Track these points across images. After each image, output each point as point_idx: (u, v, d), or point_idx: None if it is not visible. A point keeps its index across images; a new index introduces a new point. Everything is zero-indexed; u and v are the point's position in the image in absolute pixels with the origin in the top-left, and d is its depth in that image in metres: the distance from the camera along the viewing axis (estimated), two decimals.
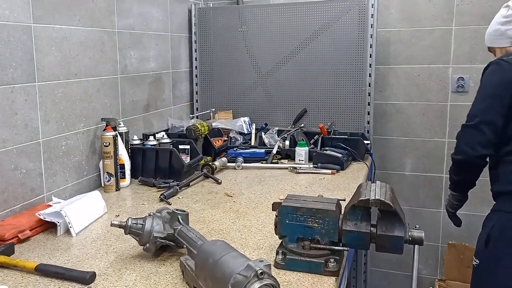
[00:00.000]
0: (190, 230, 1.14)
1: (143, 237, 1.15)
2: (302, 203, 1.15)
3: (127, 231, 1.16)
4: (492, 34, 1.68)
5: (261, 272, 0.82)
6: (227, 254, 0.93)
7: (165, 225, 1.17)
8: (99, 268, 1.14)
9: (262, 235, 1.34)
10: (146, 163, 1.93)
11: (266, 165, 2.10)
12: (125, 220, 1.17)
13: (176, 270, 1.12)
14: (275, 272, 1.11)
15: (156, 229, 1.15)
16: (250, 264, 0.84)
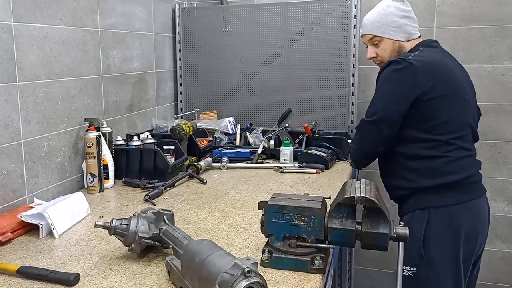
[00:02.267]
0: (176, 230, 1.13)
1: (128, 238, 1.14)
2: (288, 202, 1.16)
3: (111, 232, 1.15)
4: (387, 24, 1.60)
5: (248, 270, 0.81)
6: (213, 253, 0.92)
7: (151, 225, 1.16)
8: (83, 269, 1.13)
9: (248, 234, 1.34)
10: (130, 164, 1.91)
11: (251, 164, 2.10)
12: (110, 221, 1.15)
13: (162, 271, 1.11)
14: (262, 271, 1.11)
15: (141, 229, 1.14)
16: (237, 262, 0.84)
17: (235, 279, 0.81)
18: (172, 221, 1.19)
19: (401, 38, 1.62)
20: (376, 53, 1.67)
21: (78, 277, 1.07)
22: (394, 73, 1.51)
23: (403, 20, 1.61)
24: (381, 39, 1.63)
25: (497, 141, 2.41)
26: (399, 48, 1.62)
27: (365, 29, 1.66)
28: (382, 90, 1.56)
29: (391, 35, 1.62)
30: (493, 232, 2.51)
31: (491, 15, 2.31)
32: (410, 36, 1.63)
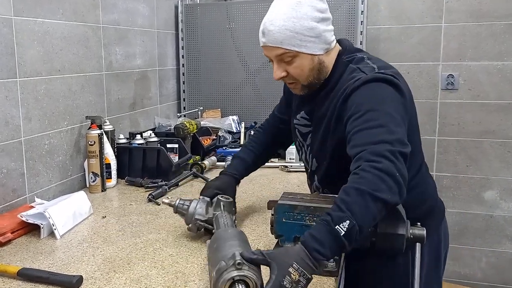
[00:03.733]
0: (225, 217, 1.16)
1: (187, 218, 1.21)
2: (299, 201, 1.11)
3: (175, 209, 1.23)
4: (302, 33, 1.11)
5: (239, 263, 0.83)
6: (229, 241, 0.94)
7: (209, 209, 1.21)
8: (86, 271, 1.08)
9: (256, 235, 1.30)
10: (133, 163, 1.87)
11: None
12: (175, 200, 1.24)
13: (168, 273, 1.07)
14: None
15: (199, 211, 1.20)
16: (235, 253, 0.85)
17: (226, 268, 0.83)
18: (228, 208, 1.23)
19: (320, 51, 1.14)
20: (288, 71, 1.16)
21: (81, 279, 1.02)
22: (390, 88, 1.09)
23: (321, 25, 1.13)
24: (295, 54, 1.12)
25: (507, 140, 2.37)
26: (319, 65, 1.16)
27: (271, 39, 1.12)
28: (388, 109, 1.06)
29: (309, 48, 1.12)
30: (502, 232, 2.46)
31: (500, 11, 2.27)
32: (329, 46, 1.16)
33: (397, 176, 0.92)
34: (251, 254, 0.87)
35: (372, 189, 0.90)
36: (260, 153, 1.47)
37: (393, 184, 0.92)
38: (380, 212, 0.92)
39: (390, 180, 0.92)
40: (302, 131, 1.31)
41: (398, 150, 0.96)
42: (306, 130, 1.30)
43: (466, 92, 2.35)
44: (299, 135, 1.33)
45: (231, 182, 1.37)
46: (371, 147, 0.98)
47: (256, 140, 1.48)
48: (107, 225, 1.39)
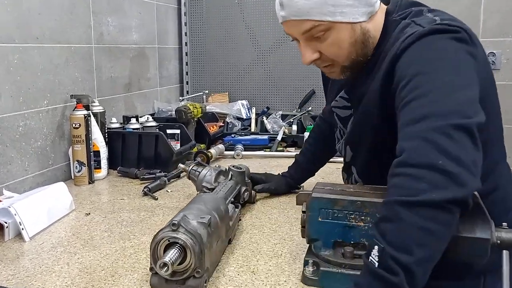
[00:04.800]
0: (224, 185, 1.10)
1: (197, 184, 1.19)
2: (341, 194, 0.83)
3: (187, 175, 1.22)
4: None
5: (174, 223, 0.76)
6: (194, 204, 0.89)
7: (219, 178, 1.17)
8: (55, 286, 0.81)
9: (278, 238, 1.02)
10: (127, 151, 1.59)
11: (271, 153, 1.78)
12: (190, 165, 1.22)
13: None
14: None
15: (207, 179, 1.17)
16: (180, 213, 0.81)
17: (161, 228, 0.78)
18: (238, 178, 1.17)
19: (361, 17, 0.85)
20: (321, 51, 0.89)
21: None
22: (454, 43, 0.77)
23: None
24: (329, 26, 0.84)
25: None
26: (363, 36, 0.87)
27: (294, 10, 0.84)
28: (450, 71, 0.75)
29: (347, 15, 0.84)
30: None
31: None
32: (373, 8, 0.87)
33: (441, 165, 0.63)
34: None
35: (401, 195, 0.64)
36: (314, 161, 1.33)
37: (437, 177, 0.63)
38: (434, 220, 0.63)
39: (431, 173, 0.63)
40: (341, 114, 1.03)
41: (453, 123, 0.66)
42: (345, 113, 1.01)
43: (510, 72, 2.06)
44: (338, 121, 1.05)
45: (281, 180, 1.31)
46: (409, 130, 0.70)
47: (308, 152, 1.33)
48: (91, 224, 1.11)
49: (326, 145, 1.29)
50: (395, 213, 0.63)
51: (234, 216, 1.02)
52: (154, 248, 0.78)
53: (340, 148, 1.06)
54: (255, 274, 0.85)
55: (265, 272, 0.86)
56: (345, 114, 1.01)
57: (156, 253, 0.78)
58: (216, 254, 0.87)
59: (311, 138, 1.33)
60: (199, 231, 0.79)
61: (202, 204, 0.90)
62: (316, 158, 1.32)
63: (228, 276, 0.85)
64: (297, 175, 1.32)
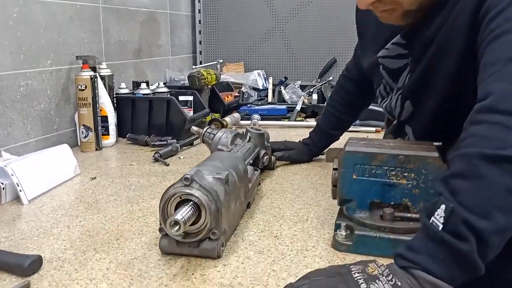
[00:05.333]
0: (241, 146, 0.99)
1: (211, 148, 1.08)
2: (380, 148, 0.72)
3: (201, 138, 1.12)
4: None
5: (186, 178, 0.66)
6: (209, 161, 0.79)
7: (235, 140, 1.06)
8: (53, 249, 0.71)
9: (302, 203, 0.91)
10: (137, 118, 1.49)
11: (289, 123, 1.67)
12: (204, 128, 1.12)
13: (174, 256, 0.69)
14: (334, 256, 0.68)
15: (222, 141, 1.06)
16: (194, 169, 0.70)
17: (174, 183, 0.68)
18: (259, 140, 1.07)
19: None
20: None
21: (39, 262, 0.65)
22: None
23: None
24: None
25: None
26: None
27: None
28: None
29: None
30: None
31: None
32: None
33: None
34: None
35: (487, 147, 0.51)
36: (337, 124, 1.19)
37: None
38: None
39: None
40: (392, 65, 0.87)
41: None
42: (399, 63, 0.85)
43: None
44: (386, 74, 0.90)
45: (302, 147, 1.20)
46: (499, 69, 0.56)
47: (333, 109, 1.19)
48: (96, 188, 1.02)
49: (351, 107, 1.17)
50: (475, 168, 0.50)
51: (253, 179, 0.91)
52: (164, 205, 0.68)
53: (392, 106, 0.89)
54: (279, 238, 0.75)
55: (289, 237, 0.75)
56: (397, 64, 0.86)
57: (166, 211, 0.68)
58: (235, 216, 0.77)
59: (334, 100, 1.20)
60: (215, 187, 0.68)
61: (218, 161, 0.79)
62: (341, 122, 1.19)
63: (248, 240, 0.74)
64: (320, 141, 1.20)
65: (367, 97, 1.15)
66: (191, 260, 0.68)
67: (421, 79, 0.81)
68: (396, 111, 0.89)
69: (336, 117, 1.18)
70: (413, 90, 0.84)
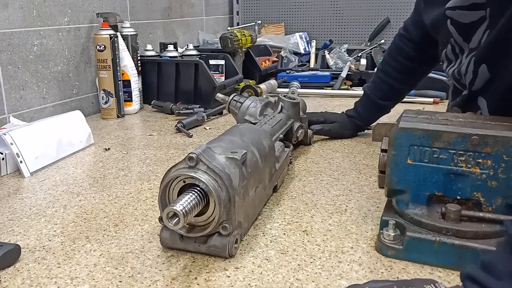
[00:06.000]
0: (271, 117, 0.84)
1: (238, 118, 0.95)
2: (446, 125, 0.54)
3: (227, 107, 0.99)
4: None
5: (191, 157, 0.53)
6: (226, 136, 0.65)
7: (265, 110, 0.92)
8: (40, 235, 0.61)
9: (342, 188, 0.75)
10: (163, 83, 1.37)
11: (333, 91, 1.49)
12: (231, 96, 0.98)
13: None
14: (377, 263, 0.53)
15: (250, 111, 0.92)
16: (203, 145, 0.56)
17: (177, 163, 0.55)
18: (293, 111, 0.92)
19: None
20: None
21: (15, 253, 0.54)
22: None
23: None
24: None
25: None
26: None
27: None
28: None
29: None
30: None
31: None
32: None
33: None
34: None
35: None
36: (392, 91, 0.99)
37: None
38: None
39: None
40: (464, 19, 0.68)
41: None
42: (474, 16, 0.66)
43: None
44: (455, 31, 0.71)
45: (345, 120, 1.04)
46: None
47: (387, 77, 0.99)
48: (108, 160, 0.91)
49: (408, 74, 0.98)
50: None
51: (282, 157, 0.76)
52: (164, 190, 0.55)
53: (461, 72, 0.70)
54: (308, 234, 0.60)
55: (322, 232, 0.61)
56: (471, 17, 0.67)
57: (167, 197, 0.55)
58: (255, 205, 0.63)
59: (386, 65, 1.00)
60: (228, 170, 0.54)
61: (237, 135, 0.65)
62: (394, 91, 1.00)
63: (270, 235, 0.60)
64: (366, 113, 1.03)
65: (428, 61, 0.95)
66: (197, 258, 0.55)
67: (503, 37, 0.62)
68: (466, 79, 0.70)
69: (388, 85, 0.99)
70: (491, 51, 0.65)
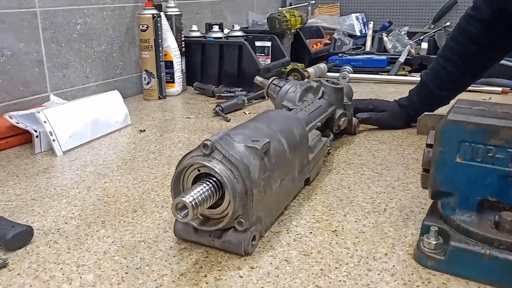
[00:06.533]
0: (312, 105, 0.77)
1: (276, 103, 0.89)
2: (506, 119, 0.46)
3: (265, 91, 0.94)
4: None
5: (205, 145, 0.48)
6: (252, 122, 0.60)
7: (305, 95, 0.85)
8: (57, 217, 0.59)
9: (383, 185, 0.68)
10: (207, 65, 1.33)
11: (389, 77, 1.38)
12: (270, 79, 0.92)
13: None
14: (413, 275, 0.45)
15: (289, 96, 0.85)
16: (221, 132, 0.50)
17: (192, 150, 0.50)
18: (336, 97, 0.84)
19: None
20: None
21: (27, 235, 0.53)
22: None
23: None
24: None
25: None
26: None
27: None
28: None
29: None
30: None
31: None
32: None
33: None
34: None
35: None
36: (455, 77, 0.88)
37: None
38: None
39: None
40: None
41: None
42: None
43: None
44: None
45: (397, 109, 0.95)
46: None
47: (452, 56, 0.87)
48: (140, 142, 0.89)
49: (474, 61, 0.86)
50: None
51: (317, 147, 0.69)
52: (177, 178, 0.50)
53: None
54: (338, 235, 0.54)
55: (354, 234, 0.54)
56: None
57: (180, 186, 0.51)
58: (280, 199, 0.57)
59: (448, 49, 0.88)
60: (247, 159, 0.49)
61: (264, 122, 0.59)
62: (455, 80, 0.88)
63: (294, 232, 0.55)
64: (421, 104, 0.92)
65: (497, 46, 0.83)
66: (211, 253, 0.51)
67: None
68: None
69: (447, 72, 0.87)
70: None
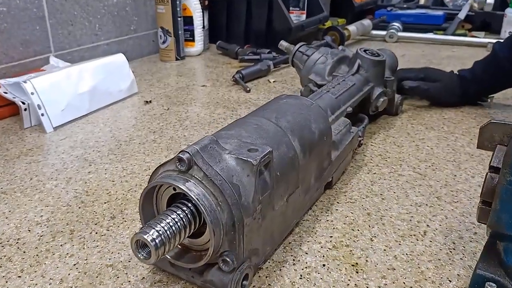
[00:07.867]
0: (342, 84, 0.63)
1: (302, 74, 0.76)
2: None
3: (291, 59, 0.79)
4: None
5: (180, 158, 0.35)
6: (253, 118, 0.44)
7: (337, 68, 0.72)
8: (20, 223, 0.49)
9: (427, 192, 0.53)
10: (233, 22, 1.18)
11: (444, 37, 1.17)
12: (298, 45, 0.78)
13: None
14: None
15: (316, 69, 0.72)
16: (206, 138, 0.37)
17: (167, 161, 0.37)
18: (375, 72, 0.68)
19: None
20: None
21: None
22: None
23: None
24: None
25: None
26: None
27: None
28: None
29: None
30: None
31: None
32: None
33: None
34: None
35: None
36: None
37: None
38: None
39: None
40: None
41: None
42: None
43: None
44: None
45: (455, 81, 0.77)
46: None
47: None
48: (143, 118, 0.77)
49: None
50: None
51: (344, 142, 0.55)
52: (147, 196, 0.38)
53: None
54: (359, 272, 0.41)
55: (380, 271, 0.41)
56: None
57: (153, 206, 0.39)
58: (286, 218, 0.44)
59: None
60: (237, 178, 0.36)
61: (272, 116, 0.45)
62: None
63: (302, 264, 0.42)
64: (487, 78, 0.75)
65: None
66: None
67: None
68: None
69: None
70: None
